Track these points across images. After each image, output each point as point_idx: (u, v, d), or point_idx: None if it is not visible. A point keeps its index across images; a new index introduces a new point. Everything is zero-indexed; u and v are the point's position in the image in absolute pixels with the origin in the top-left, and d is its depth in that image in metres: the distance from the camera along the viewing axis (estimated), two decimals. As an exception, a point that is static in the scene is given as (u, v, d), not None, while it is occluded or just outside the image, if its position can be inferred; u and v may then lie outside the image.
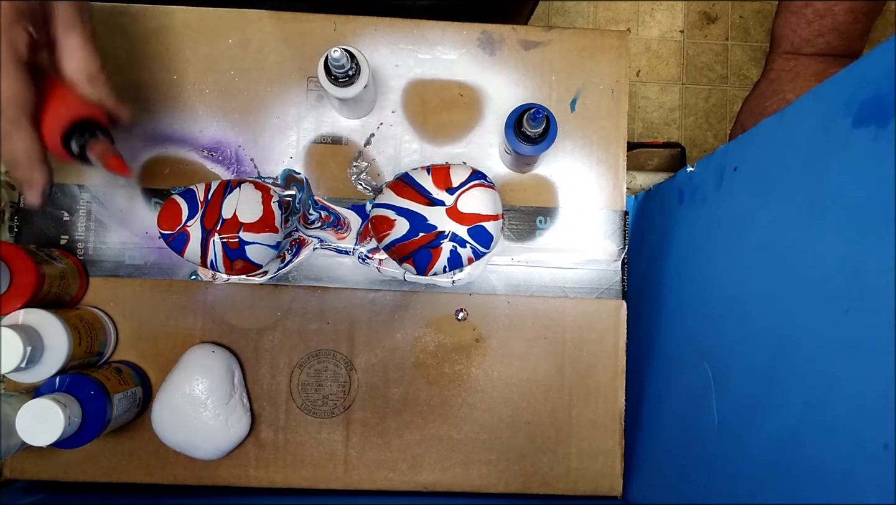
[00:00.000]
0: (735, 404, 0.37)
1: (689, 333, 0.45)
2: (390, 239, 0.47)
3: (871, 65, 0.27)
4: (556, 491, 0.51)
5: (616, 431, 0.51)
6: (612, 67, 0.52)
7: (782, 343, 0.33)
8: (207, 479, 0.50)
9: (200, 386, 0.46)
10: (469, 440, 0.51)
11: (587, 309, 0.51)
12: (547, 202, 0.52)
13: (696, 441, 0.42)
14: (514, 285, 0.51)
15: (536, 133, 0.45)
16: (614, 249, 0.52)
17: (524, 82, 0.52)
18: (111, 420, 0.44)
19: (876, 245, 0.26)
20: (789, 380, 0.32)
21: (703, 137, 1.74)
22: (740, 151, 0.40)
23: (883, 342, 0.25)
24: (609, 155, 0.52)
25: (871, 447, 0.25)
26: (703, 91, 1.75)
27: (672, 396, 0.47)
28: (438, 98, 0.51)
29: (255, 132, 0.51)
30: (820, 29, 0.51)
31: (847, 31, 0.51)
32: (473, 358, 0.51)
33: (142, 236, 0.50)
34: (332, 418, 0.50)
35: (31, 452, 0.49)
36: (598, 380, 0.51)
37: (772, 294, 0.34)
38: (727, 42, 1.76)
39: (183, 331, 0.50)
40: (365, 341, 0.51)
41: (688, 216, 0.48)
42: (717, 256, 0.42)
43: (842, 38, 0.51)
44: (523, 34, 0.52)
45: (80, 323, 0.45)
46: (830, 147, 0.30)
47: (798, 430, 0.30)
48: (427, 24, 0.52)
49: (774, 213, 0.35)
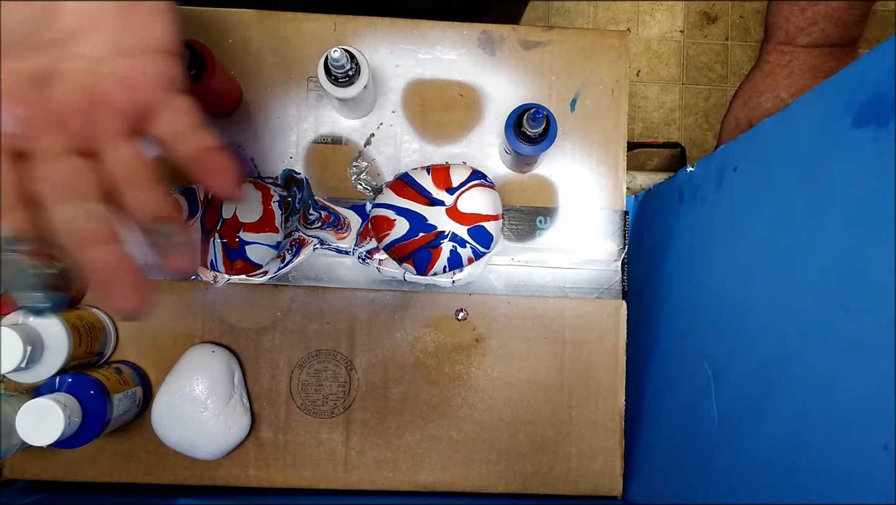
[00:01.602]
0: (735, 404, 0.37)
1: (689, 332, 0.45)
2: (390, 239, 0.47)
3: (871, 65, 0.27)
4: (556, 491, 0.51)
5: (616, 431, 0.51)
6: (612, 67, 0.52)
7: (782, 343, 0.33)
8: (207, 479, 0.50)
9: (200, 386, 0.46)
10: (469, 440, 0.51)
11: (587, 309, 0.51)
12: (547, 202, 0.52)
13: (696, 441, 0.42)
14: (514, 285, 0.51)
15: (536, 133, 0.45)
16: (614, 249, 0.52)
17: (524, 82, 0.52)
18: (111, 420, 0.44)
19: (876, 245, 0.26)
20: (789, 380, 0.32)
21: (703, 137, 1.74)
22: (740, 151, 0.40)
23: (883, 342, 0.25)
24: (609, 155, 0.52)
25: (871, 447, 0.25)
26: (703, 91, 1.75)
27: (672, 396, 0.47)
28: (438, 98, 0.51)
29: (254, 132, 0.51)
30: (813, 16, 0.50)
31: (842, 18, 0.50)
32: (473, 358, 0.51)
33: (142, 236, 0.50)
34: (332, 418, 0.50)
35: (31, 452, 0.49)
36: (598, 380, 0.51)
37: (772, 294, 0.34)
38: (727, 42, 1.76)
39: (183, 331, 0.50)
40: (365, 341, 0.51)
41: (688, 216, 0.48)
42: (717, 256, 0.42)
43: (837, 25, 0.50)
44: (523, 34, 0.52)
45: (80, 323, 0.45)
46: (830, 147, 0.30)
47: (798, 430, 0.30)
48: (427, 24, 0.52)
49: (774, 213, 0.35)
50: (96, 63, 0.28)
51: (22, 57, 0.27)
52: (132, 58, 0.29)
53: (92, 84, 0.28)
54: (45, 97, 0.27)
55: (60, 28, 0.27)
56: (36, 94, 0.27)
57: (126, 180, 0.28)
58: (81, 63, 0.28)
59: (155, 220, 0.28)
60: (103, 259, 0.26)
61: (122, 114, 0.28)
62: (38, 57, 0.27)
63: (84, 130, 0.28)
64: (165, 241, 0.28)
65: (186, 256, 0.28)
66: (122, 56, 0.28)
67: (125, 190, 0.28)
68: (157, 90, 0.29)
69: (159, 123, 0.30)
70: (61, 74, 0.28)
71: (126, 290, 0.26)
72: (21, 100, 0.27)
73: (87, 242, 0.26)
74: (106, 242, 0.26)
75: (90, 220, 0.26)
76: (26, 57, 0.27)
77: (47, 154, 0.27)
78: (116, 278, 0.26)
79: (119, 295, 0.26)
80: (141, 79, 0.29)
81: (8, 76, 0.27)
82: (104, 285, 0.26)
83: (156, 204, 0.28)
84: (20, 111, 0.27)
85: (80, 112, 0.28)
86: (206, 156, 0.30)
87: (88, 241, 0.26)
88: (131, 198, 0.28)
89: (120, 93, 0.28)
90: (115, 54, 0.28)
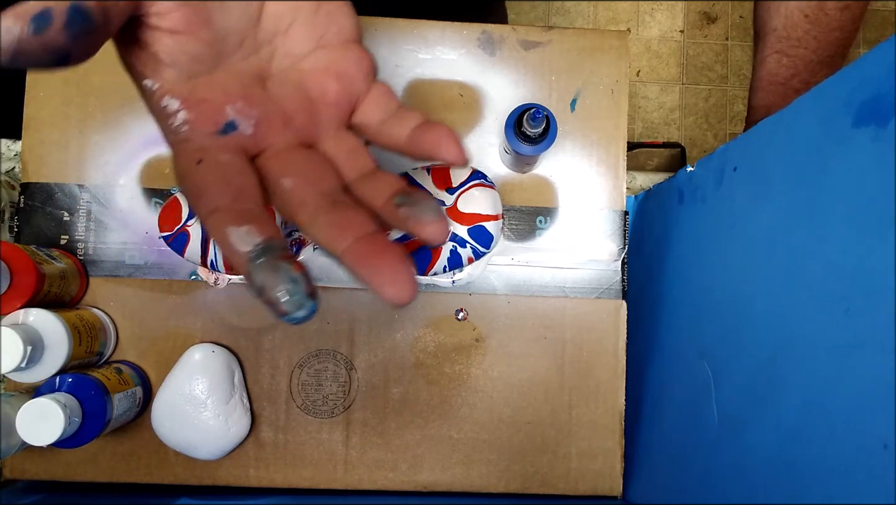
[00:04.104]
0: (735, 404, 0.37)
1: (689, 332, 0.45)
2: (390, 239, 0.47)
3: (870, 65, 0.27)
4: (556, 491, 0.51)
5: (616, 431, 0.51)
6: (612, 67, 0.52)
7: (782, 343, 0.33)
8: (207, 479, 0.50)
9: (200, 386, 0.46)
10: (469, 440, 0.51)
11: (587, 309, 0.51)
12: (547, 202, 0.52)
13: (696, 441, 0.42)
14: (514, 285, 0.51)
15: (536, 133, 0.45)
16: (614, 249, 0.52)
17: (524, 82, 0.52)
18: (111, 420, 0.44)
19: (876, 245, 0.26)
20: (789, 379, 0.32)
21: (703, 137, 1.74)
22: (740, 151, 0.40)
23: (883, 342, 0.25)
24: (609, 155, 0.52)
25: (871, 447, 0.25)
26: (703, 91, 1.75)
27: (672, 395, 0.47)
28: (438, 98, 0.51)
29: (255, 132, 0.51)
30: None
31: None
32: (473, 358, 0.51)
33: (142, 236, 0.50)
34: (332, 418, 0.50)
35: (31, 452, 0.49)
36: (598, 380, 0.51)
37: (772, 294, 0.34)
38: (727, 42, 1.76)
39: (183, 331, 0.50)
40: (365, 341, 0.51)
41: (688, 216, 0.48)
42: (717, 256, 0.42)
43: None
44: (523, 34, 0.52)
45: (80, 323, 0.45)
46: (830, 147, 0.30)
47: (798, 430, 0.30)
48: (427, 24, 0.52)
49: (774, 213, 0.35)
50: (303, 59, 0.29)
51: (241, 58, 0.27)
52: (334, 51, 0.29)
53: (305, 79, 0.28)
54: (269, 96, 0.28)
55: (266, 28, 0.28)
56: (262, 94, 0.27)
57: (354, 168, 0.28)
58: (291, 60, 0.29)
59: (397, 195, 0.26)
60: (369, 247, 0.24)
61: (337, 106, 0.29)
62: (254, 58, 0.28)
63: (307, 126, 0.28)
64: (415, 211, 0.26)
65: (439, 219, 0.26)
66: (324, 49, 0.29)
67: (355, 178, 0.28)
68: (363, 79, 0.30)
69: (367, 111, 0.30)
70: (275, 73, 0.28)
71: (398, 274, 0.24)
72: (252, 101, 0.27)
73: (348, 231, 0.25)
74: (364, 228, 0.25)
75: (346, 208, 0.25)
76: (245, 59, 0.27)
77: (280, 152, 0.27)
78: (384, 263, 0.24)
79: (391, 281, 0.24)
80: (348, 69, 0.29)
81: (236, 78, 0.27)
82: (374, 274, 0.24)
83: (392, 182, 0.28)
84: (254, 112, 0.27)
85: (302, 108, 0.28)
86: (425, 129, 0.29)
87: (348, 230, 0.25)
88: (364, 184, 0.28)
89: (333, 85, 0.29)
90: (318, 48, 0.29)
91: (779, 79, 0.55)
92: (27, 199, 0.49)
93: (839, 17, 0.52)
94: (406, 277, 0.24)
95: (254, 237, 0.23)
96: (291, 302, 0.22)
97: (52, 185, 0.49)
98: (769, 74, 0.56)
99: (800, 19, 0.53)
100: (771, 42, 0.55)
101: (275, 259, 0.23)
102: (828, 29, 0.52)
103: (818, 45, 0.53)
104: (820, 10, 0.52)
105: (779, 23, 0.54)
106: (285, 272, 0.23)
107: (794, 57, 0.54)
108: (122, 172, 0.50)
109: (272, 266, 0.23)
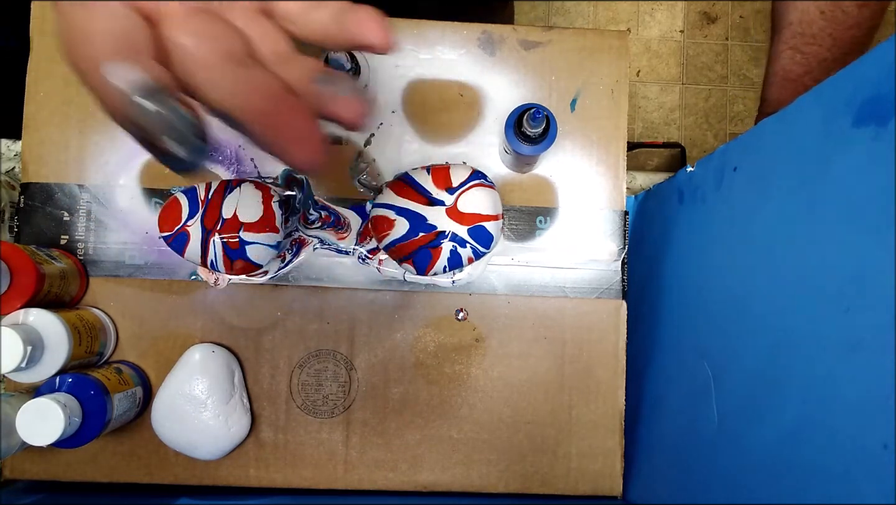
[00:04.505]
0: (735, 404, 0.37)
1: (689, 332, 0.45)
2: (390, 239, 0.47)
3: (871, 64, 0.27)
4: (556, 491, 0.51)
5: (616, 431, 0.51)
6: (612, 67, 0.52)
7: (782, 343, 0.33)
8: (207, 479, 0.50)
9: (200, 386, 0.46)
10: (469, 440, 0.51)
11: (587, 309, 0.51)
12: (547, 202, 0.52)
13: (696, 441, 0.42)
14: (514, 285, 0.51)
15: (536, 133, 0.45)
16: (614, 249, 0.52)
17: (524, 82, 0.52)
18: (111, 420, 0.44)
19: (876, 245, 0.26)
20: (789, 379, 0.32)
21: (703, 137, 1.74)
22: (740, 151, 0.40)
23: (883, 342, 0.25)
24: (609, 155, 0.52)
25: (871, 447, 0.25)
26: (703, 91, 1.75)
27: (672, 396, 0.47)
28: (438, 98, 0.52)
29: (255, 132, 0.51)
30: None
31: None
32: (473, 358, 0.51)
33: (142, 236, 0.50)
34: (332, 418, 0.50)
35: (31, 452, 0.49)
36: (598, 380, 0.51)
37: (771, 294, 0.34)
38: (727, 42, 1.76)
39: (183, 331, 0.50)
40: (365, 341, 0.51)
41: (688, 216, 0.48)
42: (717, 256, 0.42)
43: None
44: (523, 34, 0.52)
45: (80, 323, 0.45)
46: (830, 147, 0.30)
47: (798, 429, 0.30)
48: (427, 24, 0.52)
49: (774, 212, 0.35)
50: None
51: None
52: None
53: None
54: None
55: None
56: None
57: (269, 50, 0.26)
58: None
59: (317, 75, 0.25)
60: (277, 107, 0.23)
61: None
62: None
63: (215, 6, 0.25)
64: (333, 90, 0.25)
65: (357, 98, 0.25)
66: None
67: (272, 60, 0.25)
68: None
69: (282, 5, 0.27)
70: None
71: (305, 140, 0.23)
72: None
73: (255, 92, 0.23)
74: (272, 88, 0.23)
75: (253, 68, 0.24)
76: None
77: (180, 17, 0.24)
78: (294, 125, 0.23)
79: (299, 146, 0.23)
80: None
81: None
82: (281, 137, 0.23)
83: (311, 64, 0.26)
84: None
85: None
86: (348, 10, 0.26)
87: (255, 91, 0.23)
88: (281, 66, 0.25)
89: None
90: None
91: (791, 75, 0.55)
92: (27, 199, 0.49)
93: (857, 15, 0.51)
94: (314, 141, 0.23)
95: (136, 73, 0.21)
96: (181, 144, 0.21)
97: (52, 185, 0.49)
98: (783, 70, 0.55)
99: (816, 16, 0.52)
100: (786, 37, 0.54)
101: (161, 95, 0.21)
102: (844, 26, 0.52)
103: (833, 42, 0.52)
104: (837, 7, 0.51)
105: (794, 17, 0.53)
106: (173, 109, 0.21)
107: (808, 54, 0.53)
108: (122, 172, 0.50)
109: (157, 101, 0.21)
